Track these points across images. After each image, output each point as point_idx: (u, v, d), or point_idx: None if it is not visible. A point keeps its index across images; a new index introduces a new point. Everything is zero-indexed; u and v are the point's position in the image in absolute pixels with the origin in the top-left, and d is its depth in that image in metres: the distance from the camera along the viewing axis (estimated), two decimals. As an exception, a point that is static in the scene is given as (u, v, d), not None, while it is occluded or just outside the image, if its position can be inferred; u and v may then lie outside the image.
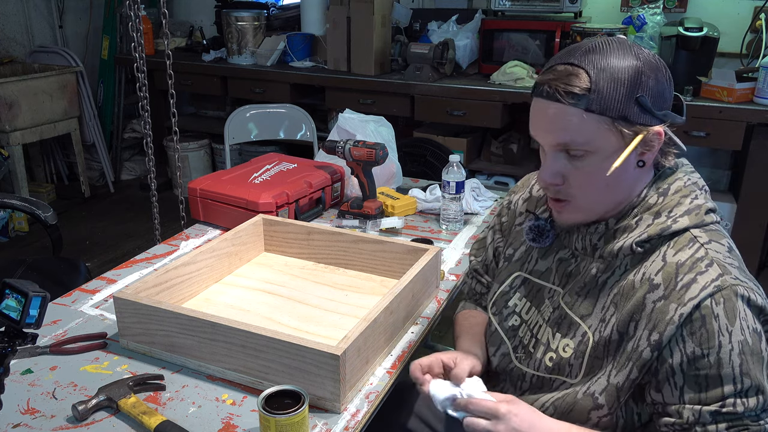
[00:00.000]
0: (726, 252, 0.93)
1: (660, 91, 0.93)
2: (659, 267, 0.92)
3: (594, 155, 0.93)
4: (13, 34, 4.03)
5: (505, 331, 1.13)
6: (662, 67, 0.95)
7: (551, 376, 1.03)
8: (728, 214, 3.11)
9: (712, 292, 0.88)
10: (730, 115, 2.76)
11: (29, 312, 0.89)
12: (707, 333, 0.87)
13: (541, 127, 0.96)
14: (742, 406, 0.87)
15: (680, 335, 0.89)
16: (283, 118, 2.96)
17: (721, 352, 0.86)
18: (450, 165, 1.75)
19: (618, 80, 0.90)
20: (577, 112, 0.90)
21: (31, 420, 1.04)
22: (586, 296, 1.00)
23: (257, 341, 1.08)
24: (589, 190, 0.96)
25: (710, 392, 0.88)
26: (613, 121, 0.90)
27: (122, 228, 3.78)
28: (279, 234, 1.61)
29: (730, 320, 0.87)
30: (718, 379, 0.87)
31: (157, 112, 3.47)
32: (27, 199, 2.23)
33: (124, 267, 1.59)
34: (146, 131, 2.26)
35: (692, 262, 0.91)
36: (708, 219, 0.95)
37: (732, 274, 0.90)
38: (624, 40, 0.95)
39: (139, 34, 2.17)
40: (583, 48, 0.93)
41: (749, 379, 0.87)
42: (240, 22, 3.69)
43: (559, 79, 0.91)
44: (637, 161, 0.95)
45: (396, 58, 3.45)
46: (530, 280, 1.11)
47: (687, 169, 1.02)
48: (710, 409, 0.87)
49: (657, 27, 3.08)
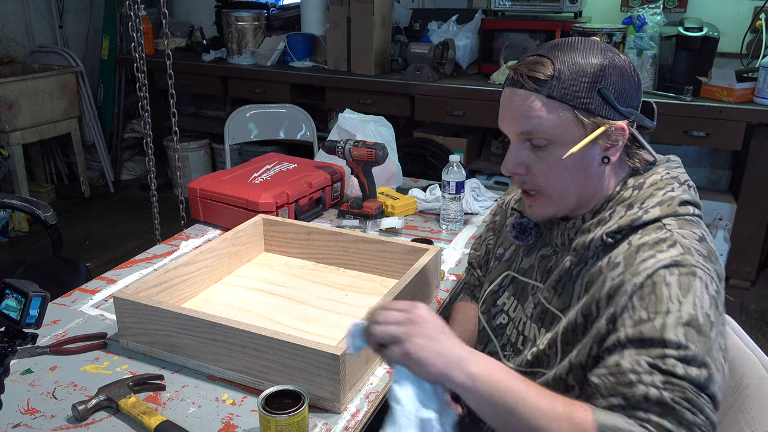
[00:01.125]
0: (695, 239, 0.90)
1: (624, 89, 0.94)
2: (624, 249, 0.92)
3: (555, 145, 0.94)
4: (13, 34, 4.03)
5: (493, 329, 1.14)
6: (631, 70, 0.95)
7: (533, 370, 1.03)
8: (728, 214, 3.11)
9: (668, 264, 0.86)
10: (730, 115, 2.76)
11: (29, 312, 0.89)
12: (656, 298, 0.84)
13: (507, 116, 0.98)
14: (683, 369, 0.80)
15: (631, 304, 0.86)
16: (283, 118, 2.96)
17: (668, 318, 0.82)
18: (450, 165, 1.75)
19: (581, 71, 0.92)
20: (539, 98, 0.93)
21: (31, 420, 1.04)
22: (563, 289, 1.00)
23: (257, 341, 1.08)
24: (552, 181, 0.97)
25: (652, 350, 0.82)
26: (574, 109, 0.92)
27: (122, 228, 3.78)
28: (279, 234, 1.61)
29: (683, 292, 0.84)
30: (661, 342, 0.82)
31: (157, 112, 3.47)
32: (27, 199, 2.23)
33: (124, 267, 1.59)
34: (146, 131, 2.26)
35: (654, 242, 0.90)
36: (682, 210, 0.94)
37: (695, 257, 0.87)
38: (597, 41, 0.96)
39: (139, 34, 2.17)
40: (554, 43, 0.97)
41: (694, 350, 0.81)
42: (240, 22, 3.70)
43: (526, 66, 0.94)
44: (601, 157, 0.96)
45: (396, 58, 3.45)
46: (517, 278, 1.12)
47: (671, 165, 1.01)
48: (649, 359, 0.82)
49: (657, 27, 3.08)
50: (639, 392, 0.81)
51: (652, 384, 0.80)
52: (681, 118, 2.84)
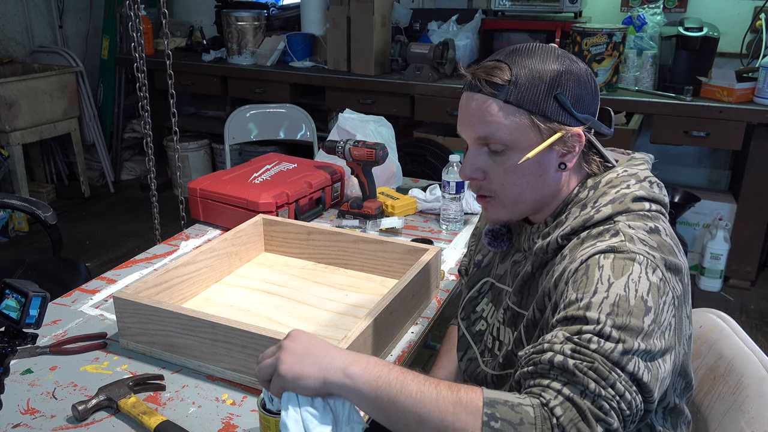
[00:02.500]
0: (643, 231, 0.89)
1: (581, 96, 0.94)
2: (573, 244, 0.92)
3: (512, 150, 0.94)
4: (13, 34, 4.03)
5: (472, 335, 1.14)
6: (587, 77, 0.95)
7: (506, 372, 1.04)
8: (728, 214, 3.11)
9: (604, 249, 0.86)
10: (730, 115, 2.76)
11: (29, 312, 0.89)
12: (586, 279, 0.84)
13: (464, 120, 0.98)
14: (595, 344, 0.78)
15: (566, 289, 0.87)
16: (283, 118, 2.96)
17: (594, 297, 0.81)
18: (450, 165, 1.75)
19: (538, 77, 0.92)
20: (496, 103, 0.92)
21: (31, 420, 1.04)
22: (528, 292, 1.01)
23: (257, 341, 1.08)
24: (509, 187, 0.97)
25: (572, 327, 0.82)
26: (530, 114, 0.92)
27: (122, 228, 3.78)
28: (279, 234, 1.61)
29: (615, 275, 0.83)
30: (582, 319, 0.81)
31: (157, 112, 3.47)
32: (27, 199, 2.23)
33: (124, 267, 1.59)
34: (146, 131, 2.26)
35: (599, 233, 0.90)
36: (635, 207, 0.92)
37: (636, 245, 0.86)
38: (553, 47, 0.96)
39: (139, 34, 2.17)
40: (512, 48, 0.96)
41: (611, 327, 0.79)
42: (240, 22, 3.69)
43: (483, 70, 0.94)
44: (558, 163, 0.95)
45: (396, 58, 3.45)
46: (494, 284, 1.13)
47: (633, 162, 1.00)
48: (565, 333, 0.81)
49: (657, 27, 3.08)
50: (546, 358, 0.80)
51: (561, 352, 0.79)
52: (681, 118, 2.84)
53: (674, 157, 3.53)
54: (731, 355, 1.12)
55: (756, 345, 1.12)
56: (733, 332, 1.15)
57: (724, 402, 1.10)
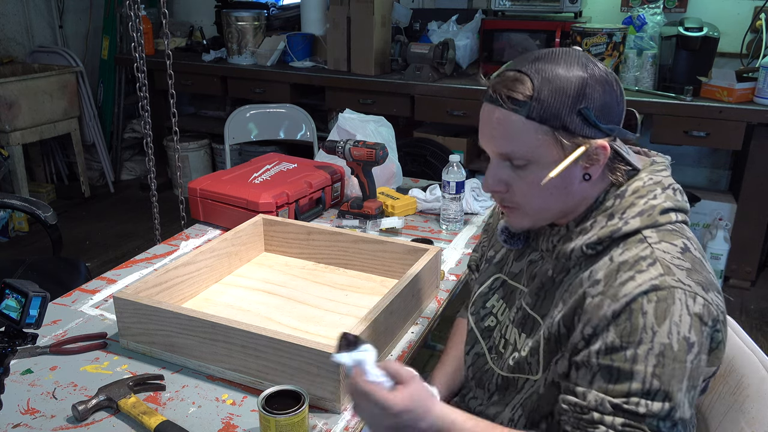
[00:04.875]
0: (677, 252, 0.90)
1: (606, 104, 0.91)
2: (606, 265, 0.92)
3: (535, 165, 0.93)
4: (13, 34, 4.03)
5: (481, 331, 1.14)
6: (613, 81, 0.93)
7: (514, 376, 1.04)
8: (728, 214, 3.11)
9: (647, 290, 0.86)
10: (730, 115, 2.76)
11: (29, 312, 0.89)
12: (631, 327, 0.85)
13: (485, 134, 0.96)
14: (644, 407, 0.84)
15: (607, 329, 0.88)
16: (283, 118, 2.96)
17: (639, 348, 0.84)
18: (450, 165, 1.75)
19: (561, 90, 0.89)
20: (518, 119, 0.90)
21: (31, 420, 1.04)
22: (545, 295, 1.01)
23: (257, 341, 1.08)
24: (532, 199, 0.96)
25: (618, 385, 0.86)
26: (553, 131, 0.89)
27: (122, 228, 3.78)
28: (279, 234, 1.61)
29: (659, 321, 0.84)
30: (629, 374, 0.85)
31: (157, 112, 3.47)
32: (27, 199, 2.23)
33: (124, 267, 1.59)
34: (146, 131, 2.26)
35: (635, 260, 0.89)
36: (662, 219, 0.92)
37: (675, 275, 0.86)
38: (577, 52, 0.93)
39: (139, 34, 2.17)
40: (533, 56, 0.93)
41: (659, 383, 0.84)
42: (240, 22, 3.69)
43: (504, 84, 0.91)
44: (582, 174, 0.94)
45: (396, 58, 3.45)
46: (507, 282, 1.12)
47: (656, 168, 0.99)
48: (613, 400, 0.85)
49: (657, 27, 3.08)
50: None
51: (612, 426, 0.85)
52: (681, 118, 2.84)
53: (674, 157, 3.45)
54: (731, 355, 1.12)
55: (756, 345, 1.12)
56: (733, 332, 1.15)
57: (724, 402, 1.10)
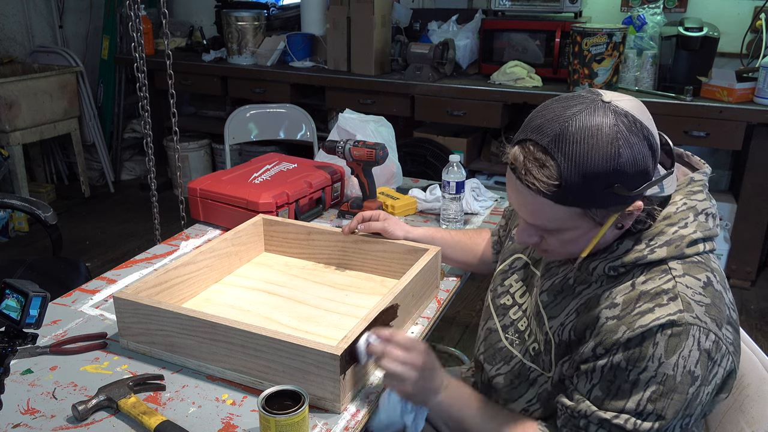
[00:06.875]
0: (699, 287, 0.89)
1: (639, 165, 0.85)
2: (627, 291, 0.92)
3: (568, 231, 0.93)
4: (13, 34, 4.03)
5: (495, 307, 1.18)
6: (639, 125, 0.86)
7: (530, 365, 1.07)
8: (728, 214, 3.11)
9: (664, 324, 0.86)
10: (730, 115, 2.76)
11: (29, 312, 0.89)
12: (639, 353, 0.87)
13: (514, 202, 0.96)
14: (632, 426, 0.86)
15: (617, 351, 0.89)
16: (283, 118, 2.96)
17: (642, 374, 0.86)
18: (450, 165, 1.75)
19: (590, 175, 0.84)
20: (546, 201, 0.88)
21: (31, 420, 1.04)
22: (561, 300, 1.03)
23: (257, 341, 1.08)
24: (565, 251, 0.98)
25: (614, 401, 0.89)
26: (585, 210, 0.89)
27: (122, 228, 3.78)
28: (279, 234, 1.61)
29: (668, 354, 0.85)
30: (627, 394, 0.87)
31: (157, 112, 3.47)
32: (27, 199, 2.23)
33: (124, 267, 1.59)
34: (146, 131, 2.26)
35: (656, 293, 0.89)
36: (689, 251, 0.91)
37: (694, 312, 0.86)
38: (604, 123, 0.85)
39: (139, 34, 2.17)
40: (557, 131, 0.86)
41: (653, 407, 0.86)
42: (240, 22, 3.70)
43: (529, 165, 0.88)
44: (616, 225, 0.92)
45: (396, 58, 3.45)
46: (529, 266, 1.16)
47: (693, 188, 0.96)
48: (602, 416, 0.89)
49: (657, 27, 3.09)
50: None
51: None
52: (681, 118, 2.84)
53: (674, 157, 3.52)
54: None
55: (756, 345, 1.12)
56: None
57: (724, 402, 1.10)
